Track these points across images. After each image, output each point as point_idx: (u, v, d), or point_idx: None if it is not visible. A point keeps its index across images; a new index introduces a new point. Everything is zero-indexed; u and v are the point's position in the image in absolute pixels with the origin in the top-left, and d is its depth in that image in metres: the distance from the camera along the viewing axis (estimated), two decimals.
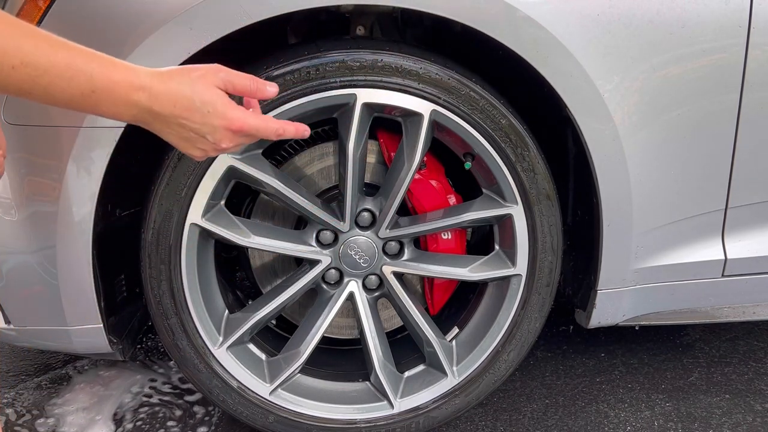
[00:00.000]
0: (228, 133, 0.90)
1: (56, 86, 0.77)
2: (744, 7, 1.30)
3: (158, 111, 0.84)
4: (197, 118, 0.86)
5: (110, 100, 0.80)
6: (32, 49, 0.75)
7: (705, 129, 1.37)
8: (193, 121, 0.86)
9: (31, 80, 0.75)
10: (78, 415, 1.61)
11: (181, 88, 0.85)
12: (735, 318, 1.64)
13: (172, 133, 0.88)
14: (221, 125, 0.88)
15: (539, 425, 1.64)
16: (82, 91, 0.78)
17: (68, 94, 0.78)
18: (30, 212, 1.27)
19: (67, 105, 0.80)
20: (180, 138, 0.88)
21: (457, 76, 1.30)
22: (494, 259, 1.48)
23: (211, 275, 1.44)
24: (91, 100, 0.80)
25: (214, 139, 0.89)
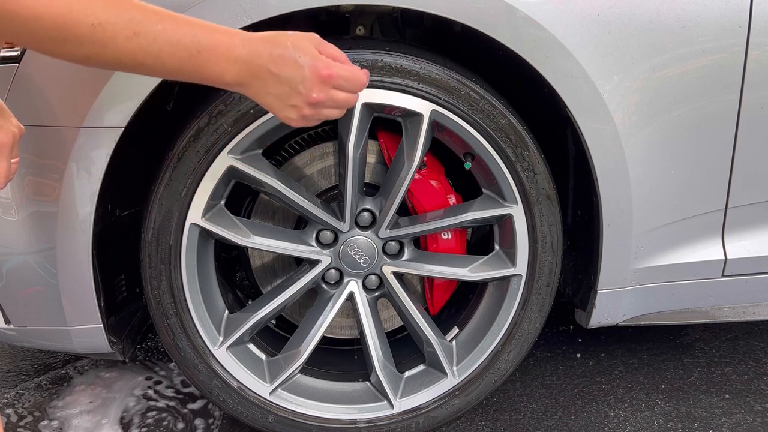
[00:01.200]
0: (318, 82, 0.92)
1: (165, 52, 0.82)
2: (744, 7, 1.30)
3: (257, 63, 0.88)
4: (290, 67, 0.90)
5: (215, 58, 0.86)
6: (142, 18, 0.80)
7: (705, 129, 1.37)
8: (285, 70, 0.90)
9: (143, 49, 0.80)
10: (83, 418, 1.61)
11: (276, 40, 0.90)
12: (735, 318, 1.64)
13: (269, 91, 0.91)
14: (311, 73, 0.91)
15: (539, 425, 1.64)
16: (189, 52, 0.84)
17: (177, 57, 0.83)
18: (30, 212, 1.27)
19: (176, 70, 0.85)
20: (276, 97, 0.91)
21: (457, 76, 1.30)
22: (494, 259, 1.48)
23: (211, 275, 1.44)
24: (197, 61, 0.85)
25: (305, 88, 0.91)
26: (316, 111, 0.95)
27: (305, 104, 0.93)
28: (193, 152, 1.27)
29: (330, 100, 0.94)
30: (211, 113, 1.26)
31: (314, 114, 0.95)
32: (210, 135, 1.26)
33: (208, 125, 1.26)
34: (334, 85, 0.94)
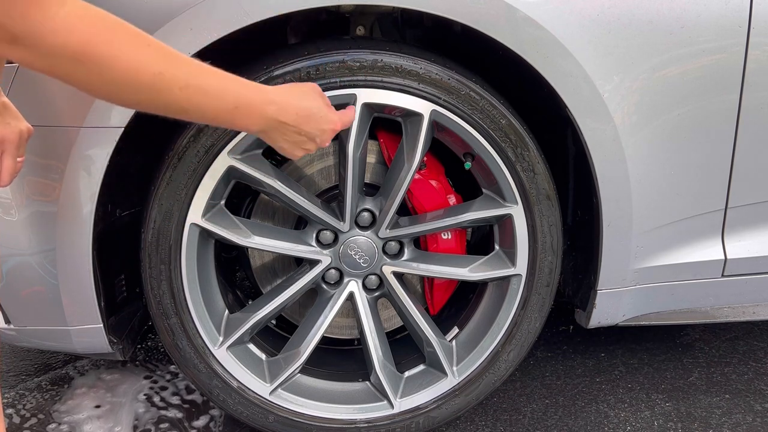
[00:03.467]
0: (331, 133, 1.12)
1: (208, 104, 0.92)
2: (744, 7, 1.30)
3: (283, 120, 1.02)
4: (312, 124, 1.07)
5: (248, 114, 0.97)
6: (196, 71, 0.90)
7: (705, 129, 1.37)
8: (309, 126, 1.06)
9: (190, 99, 0.90)
10: (94, 424, 1.60)
11: (300, 100, 1.06)
12: (735, 318, 1.64)
13: (287, 139, 1.06)
14: (329, 128, 1.11)
15: (539, 425, 1.64)
16: (227, 107, 0.94)
17: (217, 110, 0.94)
18: (30, 212, 1.27)
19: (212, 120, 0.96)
20: (291, 143, 1.07)
21: (457, 76, 1.30)
22: (494, 259, 1.48)
23: (211, 275, 1.44)
24: (232, 115, 0.96)
25: (321, 140, 1.11)
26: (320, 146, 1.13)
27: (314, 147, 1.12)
28: (193, 152, 1.27)
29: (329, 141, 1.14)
30: None
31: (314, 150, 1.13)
32: (210, 135, 1.26)
33: (208, 125, 1.26)
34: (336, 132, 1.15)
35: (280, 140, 1.07)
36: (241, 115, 0.97)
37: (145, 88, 0.85)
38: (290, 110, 1.03)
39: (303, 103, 1.06)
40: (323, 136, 1.11)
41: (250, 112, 0.98)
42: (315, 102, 1.09)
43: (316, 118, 1.08)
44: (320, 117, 1.08)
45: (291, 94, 1.06)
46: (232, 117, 0.96)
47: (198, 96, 0.90)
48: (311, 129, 1.07)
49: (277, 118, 1.01)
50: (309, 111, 1.06)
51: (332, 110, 1.13)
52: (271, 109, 1.00)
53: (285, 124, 1.03)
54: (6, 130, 0.98)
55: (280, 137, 1.06)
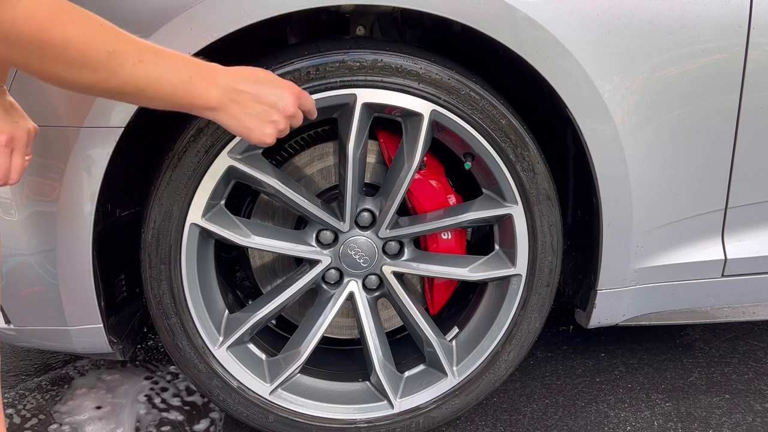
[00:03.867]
0: (292, 97, 1.08)
1: (164, 78, 0.93)
2: (744, 7, 1.30)
3: (238, 87, 1.02)
4: (266, 87, 1.05)
5: (202, 83, 0.98)
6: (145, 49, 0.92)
7: (705, 129, 1.37)
8: (263, 91, 1.04)
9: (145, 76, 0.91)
10: (95, 425, 1.59)
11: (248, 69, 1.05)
12: (735, 318, 1.64)
13: (248, 112, 1.04)
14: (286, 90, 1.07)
15: (539, 425, 1.64)
16: (182, 78, 0.95)
17: (172, 84, 0.94)
18: (30, 212, 1.27)
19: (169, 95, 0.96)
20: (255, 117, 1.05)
21: (457, 76, 1.30)
22: (494, 259, 1.48)
23: (211, 275, 1.44)
24: (188, 87, 0.96)
25: (284, 105, 1.07)
26: (287, 125, 1.10)
27: (283, 118, 1.08)
28: (193, 152, 1.27)
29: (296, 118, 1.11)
30: None
31: (286, 128, 1.10)
32: (210, 135, 1.26)
33: (208, 125, 1.26)
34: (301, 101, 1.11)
35: (242, 116, 1.04)
36: (196, 85, 0.97)
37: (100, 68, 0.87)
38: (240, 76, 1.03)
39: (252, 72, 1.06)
40: (283, 100, 1.07)
41: (204, 81, 0.98)
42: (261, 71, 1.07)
43: (267, 81, 1.06)
44: (271, 80, 1.07)
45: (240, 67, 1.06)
46: (188, 90, 0.97)
47: (152, 71, 0.92)
48: (267, 93, 1.05)
49: (230, 85, 1.01)
50: (257, 76, 1.05)
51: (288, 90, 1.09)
52: (223, 77, 1.01)
53: (239, 92, 1.02)
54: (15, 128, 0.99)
55: (239, 110, 1.03)
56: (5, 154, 0.98)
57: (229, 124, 1.05)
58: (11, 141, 0.99)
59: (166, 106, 0.99)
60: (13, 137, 0.99)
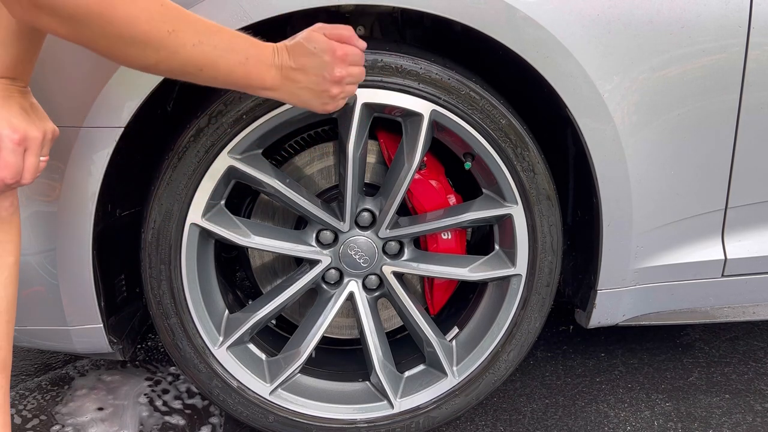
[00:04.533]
0: (337, 61, 1.07)
1: (222, 58, 0.96)
2: (744, 7, 1.30)
3: (286, 65, 1.03)
4: (313, 61, 1.05)
5: (258, 64, 1.00)
6: (205, 29, 0.95)
7: (705, 129, 1.37)
8: (306, 60, 1.05)
9: (205, 55, 0.94)
10: (98, 427, 1.59)
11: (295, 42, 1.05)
12: (735, 318, 1.64)
13: (302, 86, 1.06)
14: (329, 57, 1.06)
15: (539, 425, 1.64)
16: (239, 59, 0.98)
17: (230, 63, 0.97)
18: (30, 212, 1.27)
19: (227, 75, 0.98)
20: (309, 90, 1.07)
21: (457, 76, 1.30)
22: (494, 259, 1.48)
23: (211, 275, 1.44)
24: (246, 68, 0.99)
25: (330, 73, 1.07)
26: (342, 88, 1.10)
27: (333, 84, 1.08)
28: (193, 152, 1.28)
29: (350, 76, 1.10)
30: (211, 113, 1.26)
31: (341, 92, 1.10)
32: (210, 135, 1.27)
33: (208, 125, 1.26)
34: (349, 63, 1.09)
35: (297, 91, 1.07)
36: (252, 66, 1.00)
37: (162, 47, 0.89)
38: (290, 52, 1.04)
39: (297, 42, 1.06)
40: (326, 66, 1.06)
41: (259, 62, 1.01)
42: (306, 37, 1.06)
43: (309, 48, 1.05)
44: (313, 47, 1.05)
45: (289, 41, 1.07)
46: (244, 70, 0.99)
47: (211, 51, 0.94)
48: (309, 62, 1.05)
49: (281, 64, 1.03)
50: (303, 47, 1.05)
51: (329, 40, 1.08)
52: (276, 57, 1.03)
53: (291, 69, 1.04)
54: (30, 128, 0.99)
55: (294, 87, 1.06)
56: (18, 153, 0.97)
57: (288, 100, 1.09)
58: (24, 140, 0.98)
59: (224, 85, 1.02)
60: (26, 137, 0.98)
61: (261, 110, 1.25)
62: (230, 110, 1.25)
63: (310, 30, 1.08)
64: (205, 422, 1.63)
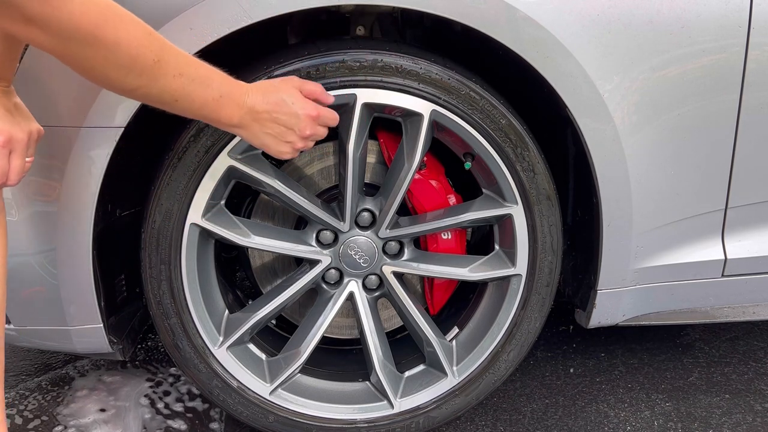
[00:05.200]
0: (309, 120, 1.13)
1: (198, 92, 0.99)
2: (744, 7, 1.30)
3: (258, 109, 1.07)
4: (285, 110, 1.10)
5: (230, 103, 1.04)
6: (185, 62, 0.98)
7: (705, 129, 1.37)
8: (282, 113, 1.10)
9: (182, 87, 0.97)
10: (102, 429, 1.59)
11: (270, 89, 1.10)
12: (735, 318, 1.64)
13: (267, 132, 1.11)
14: (303, 113, 1.12)
15: (539, 425, 1.64)
16: (213, 96, 1.01)
17: (205, 98, 1.01)
18: (30, 212, 1.27)
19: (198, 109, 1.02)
20: (272, 136, 1.12)
21: (457, 76, 1.30)
22: (494, 259, 1.48)
23: (211, 275, 1.44)
24: (217, 104, 1.02)
25: (300, 128, 1.13)
26: (305, 143, 1.17)
27: (299, 139, 1.14)
28: (193, 152, 1.27)
29: (316, 134, 1.17)
30: None
31: (305, 146, 1.17)
32: (210, 135, 1.26)
33: (208, 125, 1.26)
34: (320, 123, 1.16)
35: (261, 134, 1.11)
36: (224, 104, 1.03)
37: (145, 74, 0.92)
38: (261, 99, 1.08)
39: (273, 93, 1.10)
40: (300, 123, 1.12)
41: (231, 101, 1.04)
42: (286, 91, 1.12)
43: (288, 103, 1.11)
44: (292, 103, 1.11)
45: (264, 86, 1.11)
46: (216, 106, 1.03)
47: (189, 84, 0.97)
48: (285, 116, 1.11)
49: (252, 107, 1.07)
50: (279, 98, 1.10)
51: (307, 100, 1.14)
52: (248, 98, 1.06)
53: (259, 113, 1.08)
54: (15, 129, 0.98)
55: (259, 130, 1.10)
56: (3, 155, 0.97)
57: (248, 139, 1.13)
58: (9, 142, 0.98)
59: (194, 117, 1.06)
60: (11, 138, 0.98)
61: None
62: None
63: (289, 85, 1.13)
64: (206, 424, 1.63)
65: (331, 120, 1.19)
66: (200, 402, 1.70)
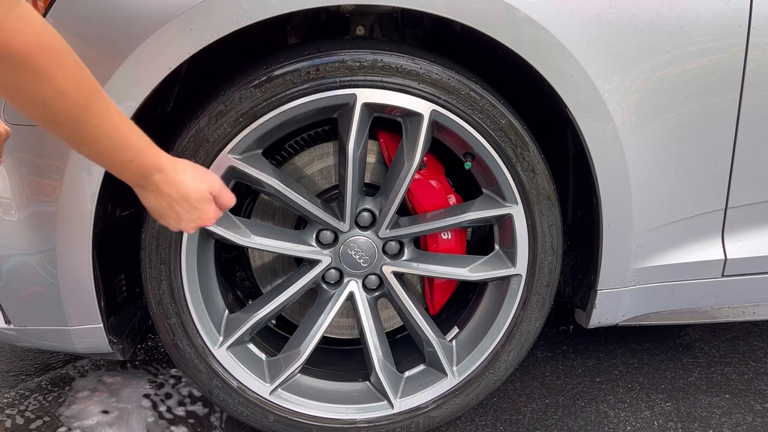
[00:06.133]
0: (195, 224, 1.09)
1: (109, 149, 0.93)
2: (744, 7, 1.30)
3: (162, 190, 1.02)
4: (186, 208, 1.06)
5: (137, 171, 0.98)
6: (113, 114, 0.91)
7: (705, 129, 1.37)
8: (182, 208, 1.06)
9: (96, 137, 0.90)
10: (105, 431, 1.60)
11: (184, 180, 1.04)
12: (735, 318, 1.64)
13: (158, 205, 1.05)
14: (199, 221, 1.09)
15: (539, 425, 1.64)
16: (123, 159, 0.96)
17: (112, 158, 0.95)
18: (30, 212, 1.27)
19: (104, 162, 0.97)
20: (158, 211, 1.06)
21: (457, 76, 1.30)
22: (494, 259, 1.48)
23: (211, 275, 1.44)
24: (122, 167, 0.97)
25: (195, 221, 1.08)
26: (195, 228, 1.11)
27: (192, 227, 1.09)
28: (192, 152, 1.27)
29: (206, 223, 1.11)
30: (211, 113, 1.25)
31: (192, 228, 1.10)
32: (210, 135, 1.26)
33: (209, 125, 1.26)
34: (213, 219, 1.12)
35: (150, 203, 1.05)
36: (130, 170, 0.98)
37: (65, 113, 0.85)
38: (172, 186, 1.03)
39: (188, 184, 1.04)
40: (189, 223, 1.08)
41: (139, 172, 0.99)
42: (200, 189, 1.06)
43: (191, 206, 1.06)
44: (195, 207, 1.06)
45: (183, 170, 1.05)
46: (122, 168, 0.98)
47: (105, 138, 0.91)
48: (183, 211, 1.06)
49: (157, 185, 1.02)
50: (188, 194, 1.05)
51: (212, 203, 1.09)
52: (158, 176, 1.01)
53: (162, 194, 1.03)
54: None
55: (152, 201, 1.04)
56: None
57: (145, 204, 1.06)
58: None
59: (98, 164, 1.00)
60: None
61: (261, 110, 1.25)
62: (230, 110, 1.25)
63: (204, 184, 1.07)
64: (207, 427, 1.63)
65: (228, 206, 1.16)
66: (200, 406, 1.70)
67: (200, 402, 1.70)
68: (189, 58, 1.18)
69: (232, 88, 1.25)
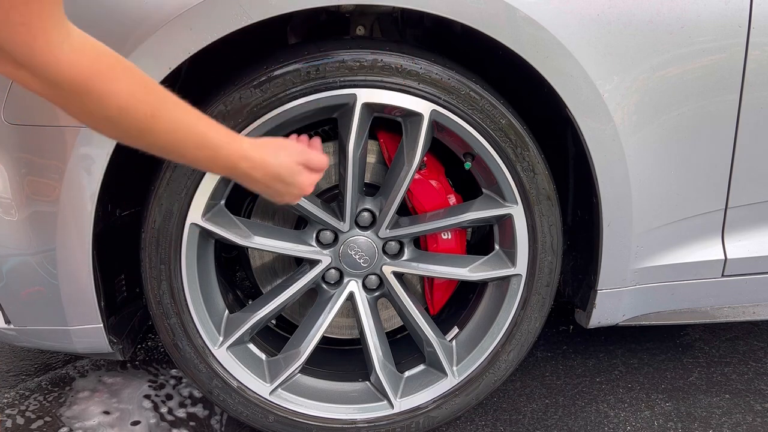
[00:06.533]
0: (296, 195, 1.16)
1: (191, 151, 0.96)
2: (744, 7, 1.30)
3: (253, 175, 1.06)
4: (281, 185, 1.11)
5: (224, 165, 1.02)
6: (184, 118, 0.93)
7: (705, 129, 1.37)
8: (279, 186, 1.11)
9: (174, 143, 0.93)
10: None
11: (270, 160, 1.07)
12: (735, 318, 1.64)
13: (257, 189, 1.11)
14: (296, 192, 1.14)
15: (539, 425, 1.64)
16: (207, 155, 0.99)
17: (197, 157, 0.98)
18: (30, 212, 1.27)
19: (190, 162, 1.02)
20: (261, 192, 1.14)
21: (457, 76, 1.30)
22: (494, 259, 1.48)
23: (211, 275, 1.44)
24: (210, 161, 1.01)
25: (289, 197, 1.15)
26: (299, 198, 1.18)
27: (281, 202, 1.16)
28: None
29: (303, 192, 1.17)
30: (211, 113, 1.25)
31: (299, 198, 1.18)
32: None
33: None
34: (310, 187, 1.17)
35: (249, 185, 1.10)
36: (217, 165, 1.03)
37: (135, 127, 0.88)
38: (259, 168, 1.06)
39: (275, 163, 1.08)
40: (287, 197, 1.14)
41: (224, 163, 1.02)
42: (288, 163, 1.10)
43: (286, 182, 1.11)
44: (290, 182, 1.11)
45: (266, 151, 1.07)
46: (209, 165, 1.03)
47: (182, 142, 0.94)
48: (279, 188, 1.11)
49: (246, 172, 1.05)
50: (278, 173, 1.09)
51: (303, 173, 1.13)
52: (244, 164, 1.04)
53: (255, 179, 1.07)
54: None
55: (251, 186, 1.10)
56: None
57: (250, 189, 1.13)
58: None
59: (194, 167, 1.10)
60: None
61: (261, 110, 1.25)
62: (230, 110, 1.25)
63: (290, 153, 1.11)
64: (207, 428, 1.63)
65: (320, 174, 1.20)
66: (201, 407, 1.70)
67: (201, 403, 1.70)
68: (189, 58, 1.18)
69: (232, 88, 1.25)
